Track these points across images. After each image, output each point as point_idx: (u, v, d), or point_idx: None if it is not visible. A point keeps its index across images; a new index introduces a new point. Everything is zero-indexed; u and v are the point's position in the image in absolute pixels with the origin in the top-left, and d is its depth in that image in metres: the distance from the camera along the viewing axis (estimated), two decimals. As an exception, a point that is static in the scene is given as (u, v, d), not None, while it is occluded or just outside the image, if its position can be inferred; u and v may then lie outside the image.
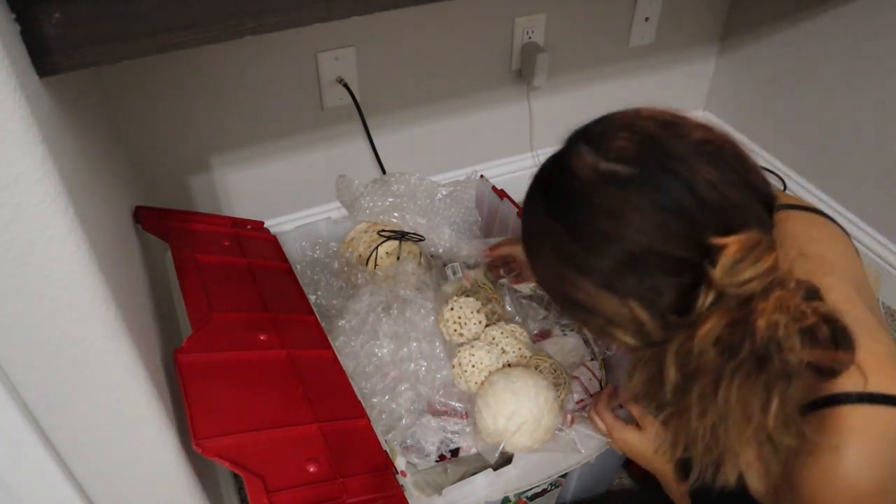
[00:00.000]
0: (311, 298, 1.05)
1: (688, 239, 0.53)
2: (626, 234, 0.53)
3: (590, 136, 0.58)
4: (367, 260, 1.14)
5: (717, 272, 0.50)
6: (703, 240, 0.52)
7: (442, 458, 0.93)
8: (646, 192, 0.53)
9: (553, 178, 0.60)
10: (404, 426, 0.93)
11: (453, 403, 0.95)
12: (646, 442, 0.85)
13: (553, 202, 0.58)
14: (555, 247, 0.58)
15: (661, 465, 0.84)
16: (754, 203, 0.55)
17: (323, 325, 0.96)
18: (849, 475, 0.54)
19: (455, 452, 0.93)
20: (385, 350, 0.98)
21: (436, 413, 0.95)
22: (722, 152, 0.55)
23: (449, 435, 0.93)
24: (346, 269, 1.15)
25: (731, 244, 0.51)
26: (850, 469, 0.54)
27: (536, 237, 0.62)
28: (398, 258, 1.15)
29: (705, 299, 0.52)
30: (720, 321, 0.51)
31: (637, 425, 0.86)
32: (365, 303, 1.03)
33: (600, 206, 0.54)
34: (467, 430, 0.94)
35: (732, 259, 0.50)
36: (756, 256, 0.51)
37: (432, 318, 1.01)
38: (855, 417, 0.55)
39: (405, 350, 0.97)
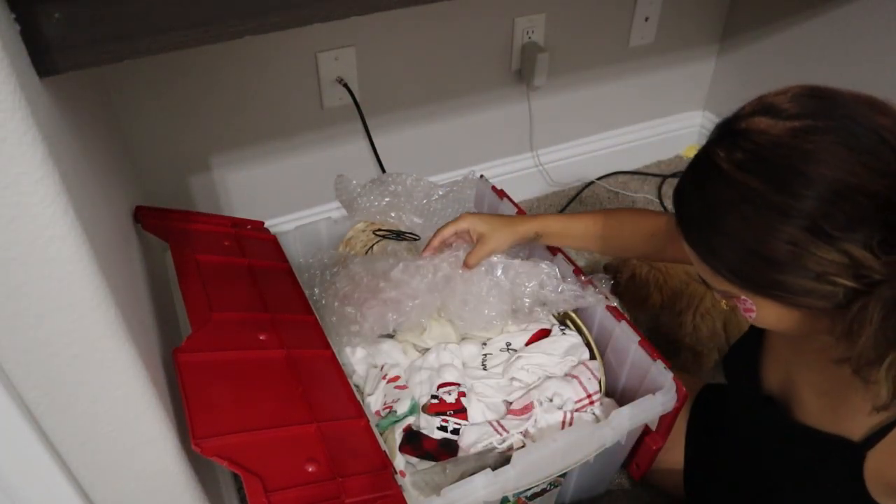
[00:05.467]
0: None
1: (885, 173, 0.56)
2: (827, 173, 0.56)
3: (754, 109, 0.62)
4: (366, 260, 1.14)
5: None
6: None
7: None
8: (837, 135, 0.57)
9: (736, 144, 0.61)
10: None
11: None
12: None
13: (743, 163, 0.60)
14: (753, 202, 0.59)
15: None
16: None
17: (322, 324, 0.96)
18: None
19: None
20: (384, 350, 0.98)
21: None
22: (882, 104, 0.59)
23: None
24: (345, 268, 1.15)
25: None
26: None
27: (724, 205, 0.62)
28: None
29: None
30: None
31: None
32: (364, 303, 1.03)
33: (797, 151, 0.57)
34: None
35: None
36: None
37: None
38: None
39: (405, 350, 0.97)
